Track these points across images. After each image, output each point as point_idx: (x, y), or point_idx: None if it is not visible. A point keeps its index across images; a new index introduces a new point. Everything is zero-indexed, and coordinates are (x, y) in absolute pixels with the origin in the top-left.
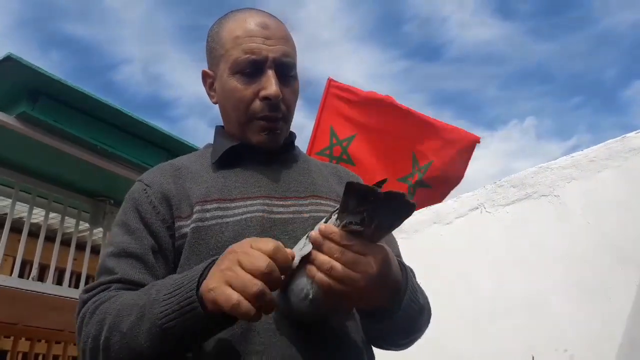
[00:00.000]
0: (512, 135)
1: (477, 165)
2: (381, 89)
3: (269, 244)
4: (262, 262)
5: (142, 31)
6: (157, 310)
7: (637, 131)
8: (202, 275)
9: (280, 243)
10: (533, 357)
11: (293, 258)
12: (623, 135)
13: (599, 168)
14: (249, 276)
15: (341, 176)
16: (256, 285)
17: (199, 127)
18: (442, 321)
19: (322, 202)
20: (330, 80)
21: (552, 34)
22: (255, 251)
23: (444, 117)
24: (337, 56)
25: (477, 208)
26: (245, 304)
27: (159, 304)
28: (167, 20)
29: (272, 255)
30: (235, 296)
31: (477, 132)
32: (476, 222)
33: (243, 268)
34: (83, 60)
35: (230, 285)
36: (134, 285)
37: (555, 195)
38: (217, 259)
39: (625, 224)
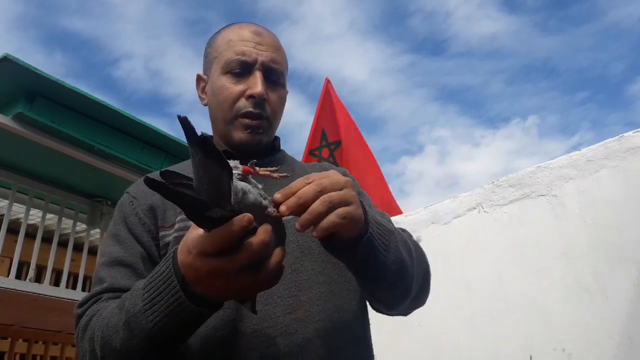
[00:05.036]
0: (515, 134)
1: (478, 164)
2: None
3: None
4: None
5: (143, 25)
6: (145, 321)
7: (635, 130)
8: (178, 278)
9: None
10: (531, 357)
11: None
12: (621, 135)
13: (597, 167)
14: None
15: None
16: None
17: (200, 125)
18: (441, 321)
19: None
20: (327, 81)
21: (559, 28)
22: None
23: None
24: (340, 51)
25: (475, 208)
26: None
27: (144, 316)
28: (168, 14)
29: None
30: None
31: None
32: (474, 222)
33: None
34: (82, 55)
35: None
36: (124, 292)
37: (553, 195)
38: (174, 256)
39: (623, 223)
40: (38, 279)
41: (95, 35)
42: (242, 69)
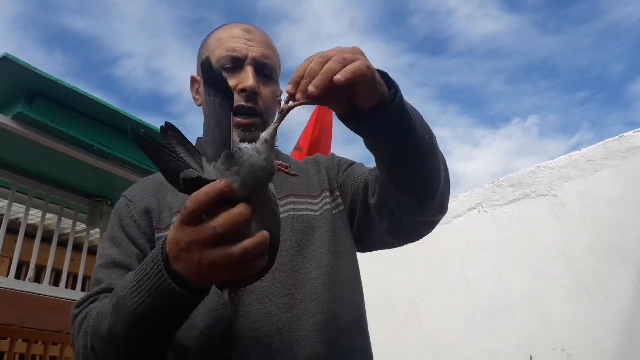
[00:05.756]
0: (515, 134)
1: (478, 164)
2: None
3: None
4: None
5: (143, 25)
6: (130, 303)
7: (635, 130)
8: (162, 257)
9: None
10: (531, 357)
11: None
12: (621, 135)
13: (597, 167)
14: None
15: (319, 162)
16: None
17: (198, 126)
18: (441, 320)
19: (300, 200)
20: None
21: (559, 28)
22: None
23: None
24: None
25: (475, 208)
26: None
27: (131, 297)
28: (168, 14)
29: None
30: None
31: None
32: (474, 222)
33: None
34: (82, 55)
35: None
36: None
37: (553, 195)
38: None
39: (623, 223)
40: (38, 279)
41: (95, 35)
42: (233, 65)
